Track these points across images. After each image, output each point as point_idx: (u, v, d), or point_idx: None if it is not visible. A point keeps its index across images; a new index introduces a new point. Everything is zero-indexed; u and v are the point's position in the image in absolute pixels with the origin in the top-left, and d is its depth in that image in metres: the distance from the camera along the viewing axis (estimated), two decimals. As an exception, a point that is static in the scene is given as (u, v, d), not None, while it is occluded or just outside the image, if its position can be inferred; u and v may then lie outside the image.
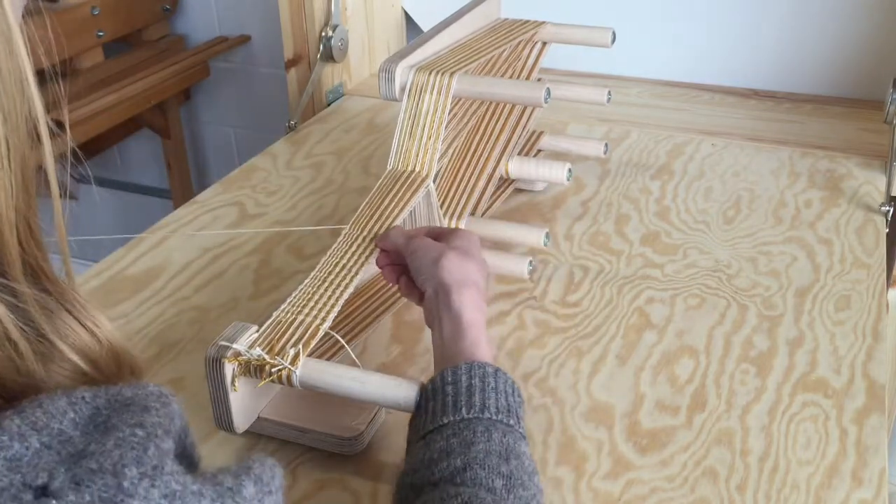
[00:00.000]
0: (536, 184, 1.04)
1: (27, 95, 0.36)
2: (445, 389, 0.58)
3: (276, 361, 0.63)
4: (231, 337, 0.64)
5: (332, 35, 1.28)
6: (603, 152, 1.03)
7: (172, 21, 1.78)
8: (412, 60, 0.87)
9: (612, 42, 1.01)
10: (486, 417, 0.56)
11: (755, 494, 0.65)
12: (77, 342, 0.38)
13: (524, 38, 1.00)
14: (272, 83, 1.75)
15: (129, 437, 0.33)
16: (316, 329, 0.66)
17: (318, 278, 0.72)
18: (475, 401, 0.57)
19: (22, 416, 0.32)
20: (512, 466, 0.53)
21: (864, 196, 1.04)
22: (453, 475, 0.52)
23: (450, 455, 0.54)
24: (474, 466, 0.52)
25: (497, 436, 0.55)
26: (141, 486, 0.32)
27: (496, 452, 0.54)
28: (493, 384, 0.58)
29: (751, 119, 1.25)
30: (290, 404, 0.70)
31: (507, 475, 0.53)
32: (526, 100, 0.85)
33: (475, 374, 0.59)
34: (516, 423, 0.58)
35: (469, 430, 0.55)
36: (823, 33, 1.28)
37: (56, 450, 0.32)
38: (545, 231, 0.86)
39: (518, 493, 0.52)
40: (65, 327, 0.38)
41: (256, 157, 1.19)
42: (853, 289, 0.87)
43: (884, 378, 0.76)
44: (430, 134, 0.83)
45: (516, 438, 0.56)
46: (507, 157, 0.95)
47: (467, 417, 0.56)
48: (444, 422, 0.57)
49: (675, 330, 0.82)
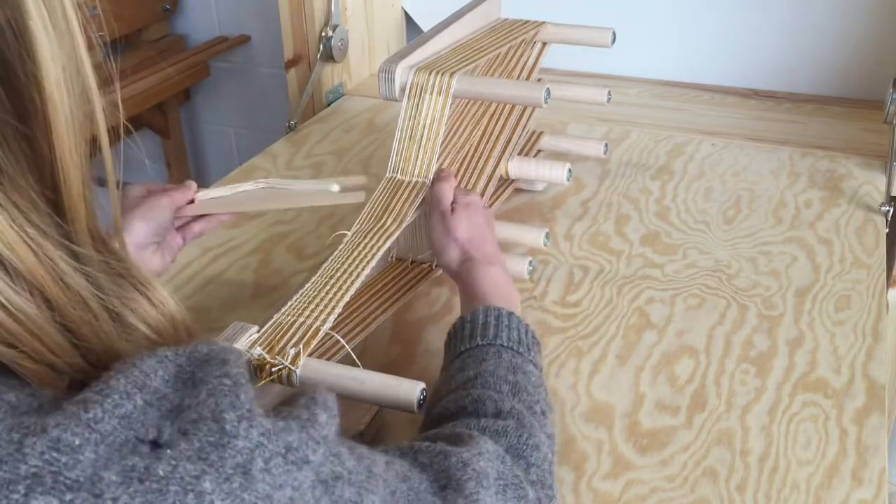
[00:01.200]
0: (536, 184, 1.04)
1: (83, 71, 0.38)
2: (464, 326, 0.67)
3: (277, 361, 0.63)
4: (231, 337, 0.64)
5: (332, 35, 1.28)
6: (603, 152, 1.03)
7: (172, 21, 1.78)
8: (412, 60, 0.87)
9: (613, 42, 1.01)
10: (497, 343, 0.64)
11: (755, 494, 0.65)
12: (139, 309, 0.40)
13: (524, 38, 1.00)
14: (272, 83, 1.75)
15: (218, 387, 0.36)
16: (316, 330, 0.66)
17: (320, 282, 0.72)
18: (489, 332, 0.65)
19: (125, 376, 0.35)
20: (518, 377, 0.61)
21: (864, 196, 1.04)
22: (465, 383, 0.61)
23: (464, 370, 0.63)
24: (484, 375, 0.61)
25: (507, 356, 0.63)
26: (241, 427, 0.35)
27: (505, 367, 0.62)
28: (506, 322, 0.66)
29: (751, 119, 1.25)
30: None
31: (513, 383, 0.60)
32: (526, 100, 0.85)
33: (490, 314, 0.66)
34: (526, 352, 0.65)
35: (482, 351, 0.64)
36: (823, 33, 1.28)
37: (156, 406, 0.35)
38: (545, 231, 0.86)
39: (522, 397, 0.60)
40: (127, 295, 0.40)
41: (256, 157, 1.19)
42: (853, 289, 0.87)
43: (884, 378, 0.76)
44: (431, 134, 0.83)
45: (524, 361, 0.64)
46: (507, 158, 0.95)
47: (481, 344, 0.65)
48: (460, 350, 0.65)
49: (675, 330, 0.82)
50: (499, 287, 0.72)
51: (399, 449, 0.51)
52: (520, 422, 0.57)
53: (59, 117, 0.36)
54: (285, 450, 0.36)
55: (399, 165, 0.85)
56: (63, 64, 0.36)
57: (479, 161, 0.93)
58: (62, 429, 0.32)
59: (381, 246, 0.76)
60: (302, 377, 0.63)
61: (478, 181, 0.91)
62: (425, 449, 0.51)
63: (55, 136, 0.36)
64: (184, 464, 0.33)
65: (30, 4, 0.34)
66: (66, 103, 0.36)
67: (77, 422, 0.32)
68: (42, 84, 0.35)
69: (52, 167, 0.37)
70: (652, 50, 1.37)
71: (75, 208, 0.38)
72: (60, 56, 0.36)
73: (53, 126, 0.36)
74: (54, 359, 0.36)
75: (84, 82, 0.38)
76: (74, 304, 0.37)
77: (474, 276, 0.72)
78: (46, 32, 0.35)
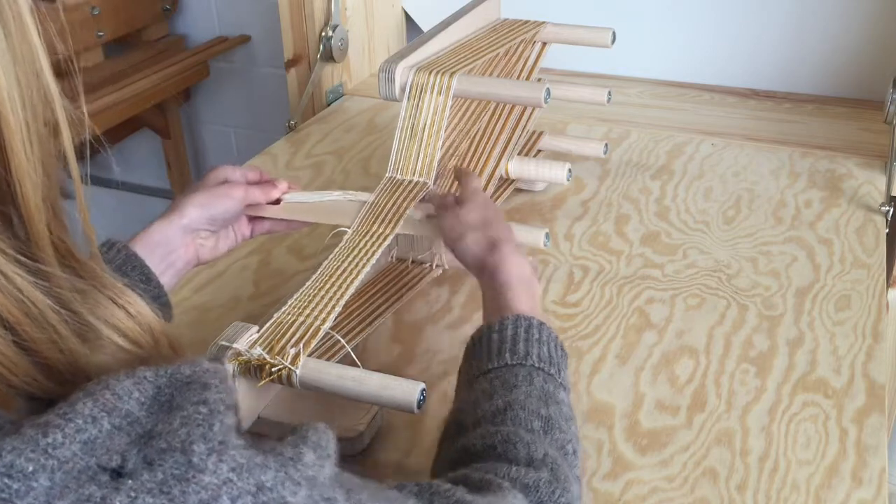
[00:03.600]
0: (536, 184, 1.04)
1: (43, 81, 0.37)
2: (491, 338, 0.62)
3: (277, 361, 0.63)
4: (231, 337, 0.64)
5: (332, 35, 1.28)
6: (603, 152, 1.03)
7: (172, 21, 1.78)
8: (412, 60, 0.87)
9: (613, 42, 1.01)
10: (528, 364, 0.59)
11: (755, 494, 0.65)
12: (112, 320, 0.39)
13: (525, 38, 1.00)
14: (272, 83, 1.75)
15: (193, 415, 0.34)
16: (316, 329, 0.66)
17: (320, 281, 0.72)
18: (519, 349, 0.60)
19: (93, 399, 0.33)
20: (551, 410, 0.56)
21: (864, 196, 1.04)
22: (494, 415, 0.55)
23: (492, 396, 0.57)
24: (515, 407, 0.55)
25: (538, 381, 0.58)
26: (210, 461, 0.33)
27: (536, 396, 0.57)
28: (536, 335, 0.61)
29: (751, 119, 1.25)
30: (290, 404, 0.70)
31: (545, 417, 0.55)
32: (526, 100, 0.85)
33: (521, 324, 0.62)
34: (557, 374, 0.61)
35: (511, 374, 0.58)
36: (823, 33, 1.28)
37: (126, 431, 0.33)
38: (545, 231, 0.86)
39: (555, 436, 0.55)
40: (99, 307, 0.39)
41: (256, 157, 1.19)
42: (853, 289, 0.87)
43: (884, 378, 0.76)
44: (431, 134, 0.83)
45: (556, 386, 0.59)
46: (507, 158, 0.95)
47: (510, 363, 0.59)
48: (488, 367, 0.60)
49: (675, 330, 0.82)
50: (523, 276, 0.67)
51: (417, 486, 0.47)
52: (554, 473, 0.52)
53: (12, 129, 0.35)
54: (256, 489, 0.33)
55: (399, 165, 0.85)
56: (17, 74, 0.35)
57: (479, 161, 0.93)
58: (17, 454, 0.31)
59: (381, 245, 0.76)
60: (302, 377, 0.63)
61: None
62: (444, 493, 0.47)
63: (9, 150, 0.35)
64: (143, 497, 0.31)
65: None
66: (19, 114, 0.35)
67: (34, 447, 0.31)
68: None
69: (5, 181, 0.36)
70: (652, 50, 1.37)
71: (33, 222, 0.37)
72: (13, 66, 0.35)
73: (6, 139, 0.35)
74: (12, 378, 0.35)
75: (45, 93, 0.37)
76: (32, 321, 0.36)
77: (498, 263, 0.68)
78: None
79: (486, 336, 0.62)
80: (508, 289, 0.66)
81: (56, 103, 0.37)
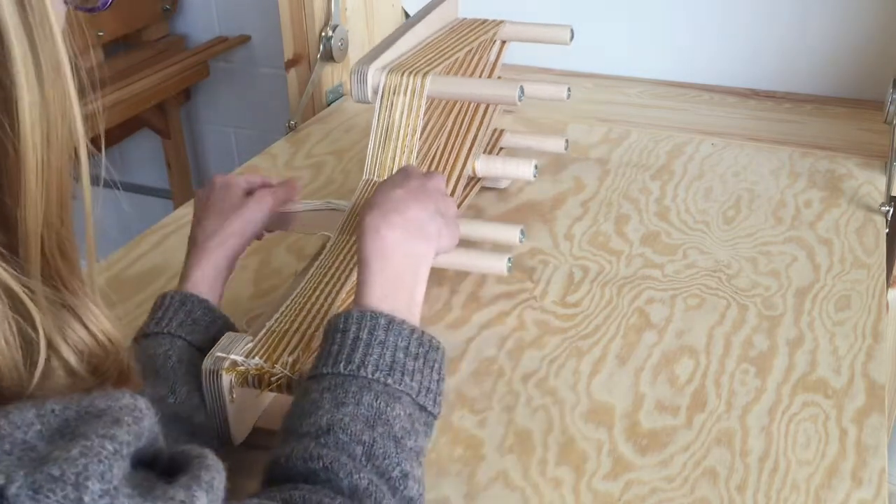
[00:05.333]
0: (501, 181, 1.04)
1: (69, 117, 0.36)
2: (334, 337, 0.57)
3: (276, 370, 0.63)
4: (226, 348, 0.64)
5: (332, 35, 1.28)
6: (564, 148, 1.04)
7: (172, 21, 1.78)
8: (383, 62, 0.87)
9: (571, 39, 1.01)
10: (361, 376, 0.55)
11: (755, 494, 0.65)
12: (73, 339, 0.37)
13: (486, 37, 1.00)
14: (272, 83, 1.75)
15: (96, 448, 0.32)
16: (311, 336, 0.66)
17: (309, 288, 0.72)
18: (355, 356, 0.56)
19: None
20: (376, 434, 0.53)
21: (864, 196, 1.04)
22: (318, 434, 0.52)
23: (318, 411, 0.54)
24: (337, 430, 0.52)
25: (368, 398, 0.54)
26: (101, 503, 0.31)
27: (363, 418, 0.53)
28: (381, 337, 0.57)
29: (751, 119, 1.25)
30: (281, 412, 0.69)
31: (368, 443, 0.52)
32: (500, 98, 0.85)
33: (364, 325, 0.57)
34: (397, 381, 0.56)
35: (342, 389, 0.55)
36: (823, 33, 1.28)
37: (16, 455, 0.31)
38: (520, 228, 0.84)
39: (377, 462, 0.52)
40: (64, 325, 0.37)
41: (256, 157, 1.19)
42: (853, 289, 0.87)
43: (884, 378, 0.76)
44: (406, 135, 0.84)
45: (391, 399, 0.55)
46: (474, 156, 0.95)
47: (343, 373, 0.55)
48: (323, 371, 0.56)
49: (675, 330, 0.82)
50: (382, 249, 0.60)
51: None
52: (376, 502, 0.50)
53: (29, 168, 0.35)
54: None
55: (375, 168, 0.85)
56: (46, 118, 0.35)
57: (450, 160, 0.93)
58: None
59: None
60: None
61: (448, 181, 0.90)
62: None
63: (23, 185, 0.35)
64: None
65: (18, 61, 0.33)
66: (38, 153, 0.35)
67: None
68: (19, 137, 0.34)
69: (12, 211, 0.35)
70: (652, 50, 1.37)
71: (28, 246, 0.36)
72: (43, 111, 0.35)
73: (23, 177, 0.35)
74: None
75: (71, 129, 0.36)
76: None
77: (359, 234, 0.61)
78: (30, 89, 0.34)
79: (330, 333, 0.58)
80: (364, 267, 0.60)
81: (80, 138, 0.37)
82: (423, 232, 0.63)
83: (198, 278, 0.70)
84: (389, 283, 0.60)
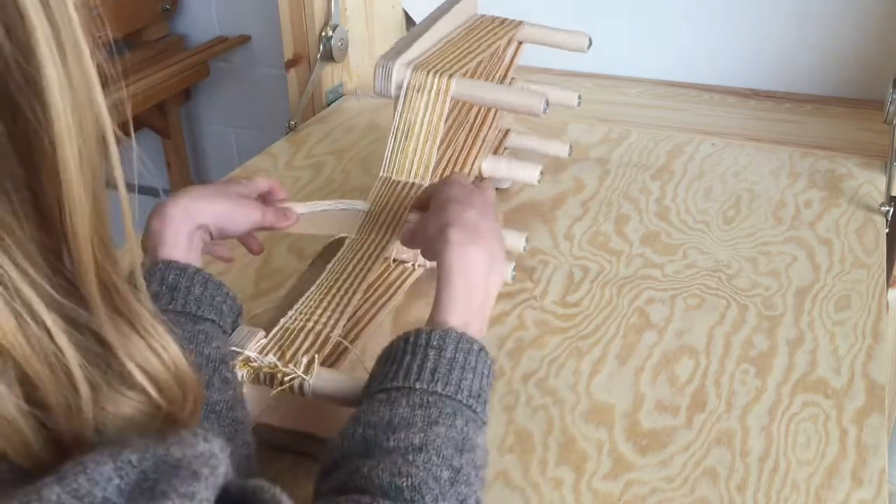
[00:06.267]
0: (502, 182, 1.04)
1: (95, 106, 0.35)
2: (427, 353, 0.56)
3: (290, 370, 0.62)
4: (240, 342, 0.64)
5: (332, 35, 1.28)
6: (567, 153, 1.04)
7: (172, 21, 1.79)
8: (408, 57, 0.86)
9: (589, 48, 1.00)
10: (457, 400, 0.55)
11: (755, 494, 0.65)
12: (145, 366, 0.36)
13: (505, 39, 1.00)
14: (272, 83, 1.75)
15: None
16: (326, 337, 0.66)
17: (325, 286, 0.71)
18: (453, 377, 0.56)
19: (62, 485, 0.30)
20: (464, 460, 0.52)
21: (864, 196, 1.04)
22: (407, 450, 0.51)
23: (410, 427, 0.52)
24: (430, 450, 0.51)
25: (460, 423, 0.54)
26: None
27: (454, 441, 0.52)
28: (473, 363, 0.57)
29: (751, 119, 1.25)
30: (290, 410, 0.69)
31: (456, 469, 0.51)
32: (525, 108, 0.84)
33: (461, 348, 0.57)
34: (482, 410, 0.57)
35: (436, 408, 0.54)
36: (823, 33, 1.28)
37: None
38: (525, 236, 0.84)
39: (459, 489, 0.51)
40: (136, 351, 0.36)
41: (256, 157, 1.19)
42: (853, 289, 0.87)
43: (884, 378, 0.76)
44: (428, 134, 0.83)
45: (477, 428, 0.55)
46: (482, 156, 0.95)
47: (440, 393, 0.55)
48: (415, 386, 0.55)
49: (675, 330, 0.82)
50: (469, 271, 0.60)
51: None
52: None
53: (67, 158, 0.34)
54: None
55: (394, 165, 0.84)
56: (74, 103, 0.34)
57: (460, 160, 0.92)
58: None
59: (383, 248, 0.76)
60: (314, 387, 0.63)
61: None
62: None
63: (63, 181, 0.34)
64: None
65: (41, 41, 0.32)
66: (74, 144, 0.34)
67: None
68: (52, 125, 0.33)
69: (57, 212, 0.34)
70: (652, 50, 1.37)
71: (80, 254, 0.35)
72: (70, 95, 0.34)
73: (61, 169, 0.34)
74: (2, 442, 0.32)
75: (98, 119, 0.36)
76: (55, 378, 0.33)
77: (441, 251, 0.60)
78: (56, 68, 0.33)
79: (423, 344, 0.57)
80: (446, 286, 0.60)
81: (106, 127, 0.36)
82: (498, 260, 0.63)
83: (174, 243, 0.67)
84: (474, 306, 0.60)
